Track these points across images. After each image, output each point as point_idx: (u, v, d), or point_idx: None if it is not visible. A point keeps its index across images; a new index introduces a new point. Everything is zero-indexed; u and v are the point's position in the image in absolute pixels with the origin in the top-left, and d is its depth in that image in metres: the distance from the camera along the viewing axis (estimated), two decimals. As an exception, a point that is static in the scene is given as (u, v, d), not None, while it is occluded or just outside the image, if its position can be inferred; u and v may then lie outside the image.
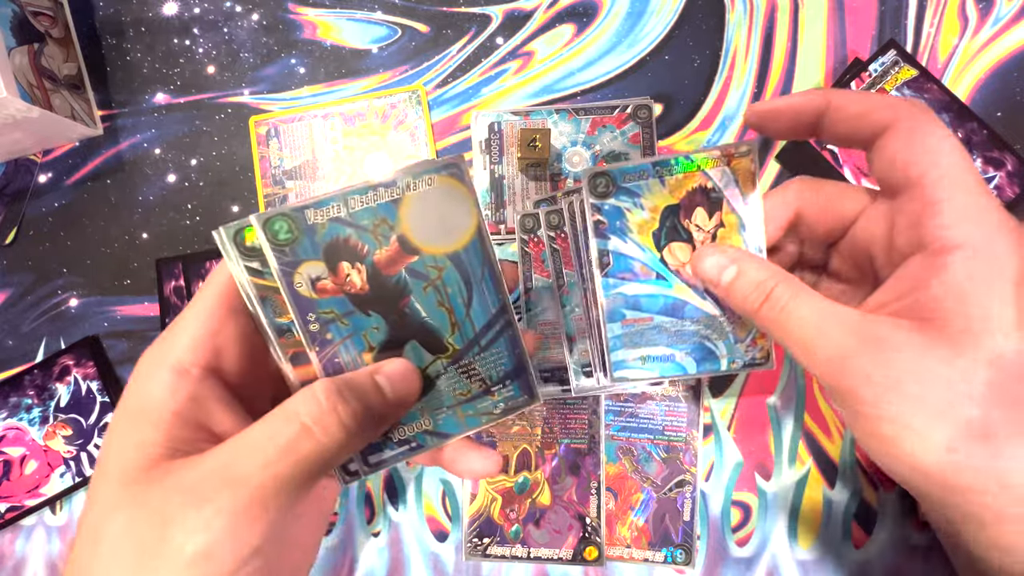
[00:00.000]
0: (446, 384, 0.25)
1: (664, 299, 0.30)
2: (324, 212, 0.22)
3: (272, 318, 0.23)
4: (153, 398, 0.21)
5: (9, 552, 0.41)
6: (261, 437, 0.20)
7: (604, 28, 0.42)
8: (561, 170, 0.40)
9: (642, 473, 0.38)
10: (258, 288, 0.22)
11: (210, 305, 0.23)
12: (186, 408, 0.22)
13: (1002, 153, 0.38)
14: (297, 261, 0.22)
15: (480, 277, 0.25)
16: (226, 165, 0.42)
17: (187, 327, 0.23)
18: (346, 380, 0.22)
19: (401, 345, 0.24)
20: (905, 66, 0.39)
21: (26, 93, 0.37)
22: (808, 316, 0.23)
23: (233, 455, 0.20)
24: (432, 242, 0.24)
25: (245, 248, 0.22)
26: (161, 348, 0.23)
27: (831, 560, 0.37)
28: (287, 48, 0.43)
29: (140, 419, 0.21)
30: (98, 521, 0.20)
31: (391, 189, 0.23)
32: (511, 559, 0.38)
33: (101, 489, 0.21)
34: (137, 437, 0.21)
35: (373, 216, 0.23)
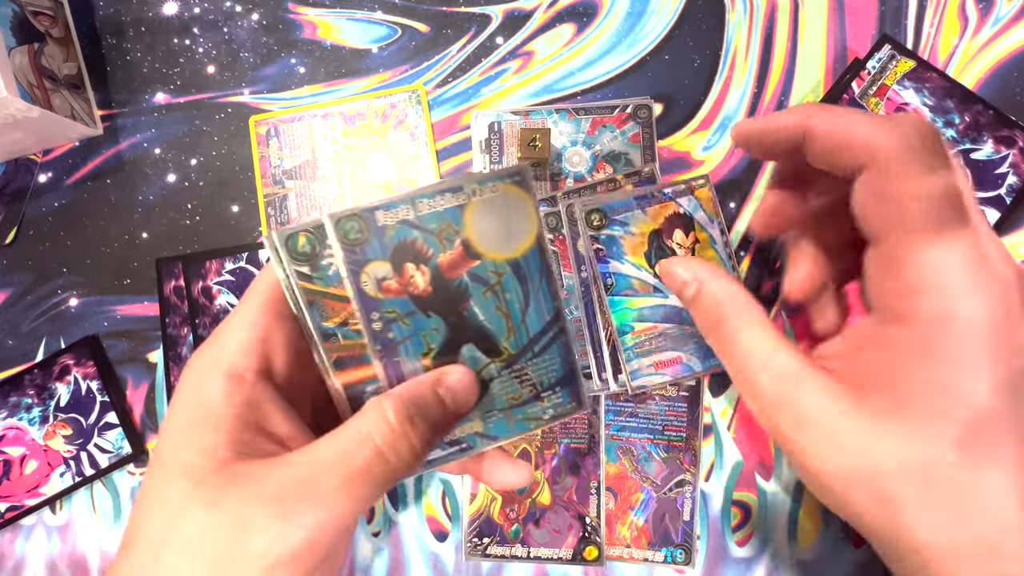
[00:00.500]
0: (498, 388, 0.25)
1: (664, 308, 0.35)
2: (393, 214, 0.23)
3: (319, 322, 0.23)
4: (211, 403, 0.22)
5: (9, 552, 0.41)
6: (336, 455, 0.21)
7: (604, 28, 0.42)
8: (561, 170, 0.40)
9: (642, 473, 0.38)
10: (307, 292, 0.23)
11: (258, 310, 0.23)
12: (245, 412, 0.22)
13: (1012, 131, 0.37)
14: (365, 260, 0.23)
15: (537, 284, 0.25)
16: (226, 165, 0.42)
17: (237, 332, 0.23)
18: (413, 399, 0.22)
19: (458, 347, 0.24)
20: (902, 59, 0.39)
21: (26, 93, 0.37)
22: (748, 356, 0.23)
23: (311, 470, 0.21)
24: (494, 248, 0.24)
25: (296, 252, 0.22)
26: (212, 353, 0.23)
27: (831, 560, 0.37)
28: (287, 48, 0.43)
29: (201, 424, 0.21)
30: (168, 520, 0.20)
31: (458, 194, 0.23)
32: (511, 559, 0.38)
33: (167, 489, 0.21)
34: (202, 441, 0.21)
35: (440, 220, 0.23)
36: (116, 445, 0.40)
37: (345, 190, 0.42)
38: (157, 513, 0.21)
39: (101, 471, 0.40)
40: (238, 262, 0.41)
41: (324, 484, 0.20)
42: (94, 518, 0.41)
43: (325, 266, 0.23)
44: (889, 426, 0.20)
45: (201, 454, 0.21)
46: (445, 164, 0.42)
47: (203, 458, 0.21)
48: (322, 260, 0.22)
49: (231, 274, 0.41)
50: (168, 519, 0.20)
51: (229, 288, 0.41)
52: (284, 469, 0.21)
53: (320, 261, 0.22)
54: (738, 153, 0.40)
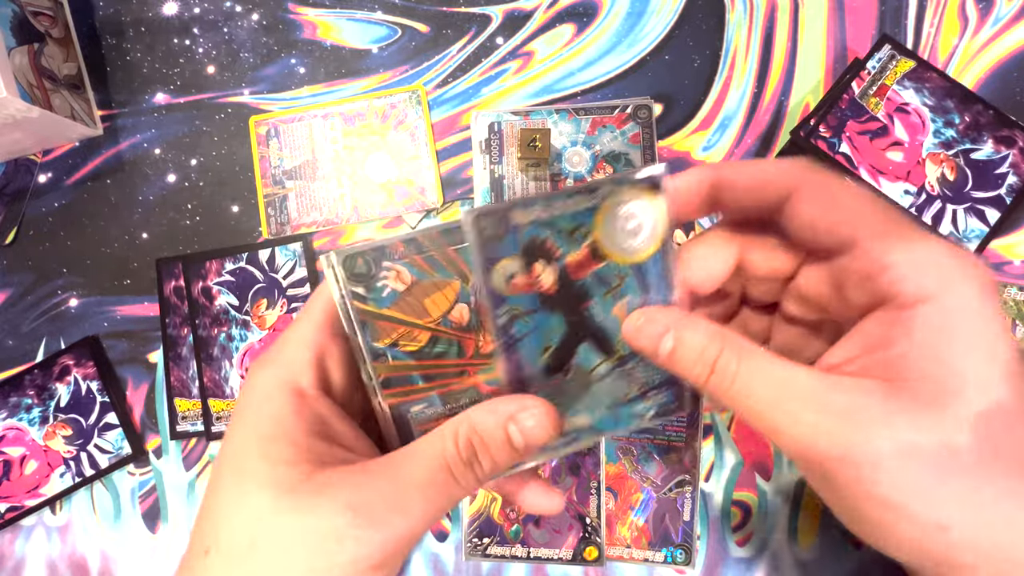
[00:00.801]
0: (608, 385, 0.26)
1: None
2: (528, 213, 0.23)
3: (370, 343, 0.24)
4: (283, 418, 0.22)
5: (9, 552, 0.41)
6: (423, 476, 0.22)
7: (604, 28, 0.42)
8: (561, 170, 0.40)
9: (642, 473, 0.38)
10: (360, 313, 0.23)
11: (316, 328, 0.24)
12: (314, 425, 0.23)
13: (1012, 131, 0.37)
14: (498, 257, 0.23)
15: (656, 287, 0.25)
16: (226, 165, 0.42)
17: (298, 350, 0.24)
18: (481, 434, 0.22)
19: (575, 346, 0.25)
20: (902, 59, 0.39)
21: (26, 93, 0.37)
22: (764, 391, 0.20)
23: (396, 484, 0.22)
24: (620, 251, 0.24)
25: (353, 273, 0.23)
26: (275, 370, 0.23)
27: (831, 560, 0.37)
28: (287, 48, 0.43)
29: (276, 438, 0.22)
30: (253, 526, 0.21)
31: (592, 196, 0.23)
32: (511, 559, 0.38)
33: (251, 498, 0.21)
34: (281, 453, 0.22)
35: (571, 222, 0.23)
36: (116, 445, 0.40)
37: (345, 190, 0.42)
38: (240, 519, 0.21)
39: (101, 471, 0.40)
40: (238, 262, 0.41)
41: (408, 498, 0.22)
42: (94, 519, 0.41)
43: (379, 288, 0.23)
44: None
45: (284, 464, 0.21)
46: (445, 164, 0.42)
47: (286, 468, 0.21)
48: (377, 282, 0.23)
49: (231, 274, 0.41)
50: (254, 526, 0.21)
51: (229, 288, 0.41)
52: (368, 480, 0.22)
53: (375, 283, 0.23)
54: (738, 154, 0.40)
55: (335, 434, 0.23)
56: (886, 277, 0.20)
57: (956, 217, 0.38)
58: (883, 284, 0.20)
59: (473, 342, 0.24)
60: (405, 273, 0.23)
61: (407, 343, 0.24)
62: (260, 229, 0.42)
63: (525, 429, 0.23)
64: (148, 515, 0.41)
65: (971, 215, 0.38)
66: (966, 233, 0.38)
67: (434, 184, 0.41)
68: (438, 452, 0.22)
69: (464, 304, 0.24)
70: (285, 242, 0.41)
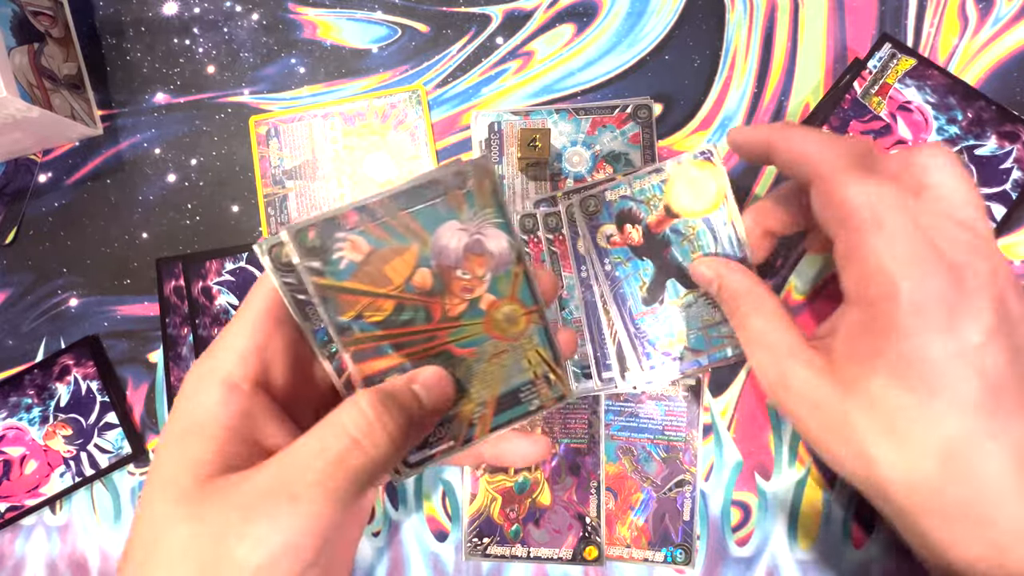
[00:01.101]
0: (695, 311, 0.34)
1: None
2: (616, 192, 0.33)
3: (334, 316, 0.23)
4: (205, 413, 0.22)
5: (9, 552, 0.41)
6: (311, 452, 0.21)
7: (604, 28, 0.42)
8: (561, 170, 0.40)
9: (642, 473, 0.38)
10: (319, 288, 0.22)
11: (256, 318, 0.23)
12: (239, 423, 0.22)
13: (1015, 126, 0.37)
14: (599, 224, 0.33)
15: (724, 235, 0.32)
16: (226, 165, 0.42)
17: (235, 341, 0.23)
18: (387, 391, 0.22)
19: (664, 281, 0.34)
20: (903, 57, 0.39)
21: (26, 93, 0.37)
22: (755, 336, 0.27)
23: (285, 470, 0.20)
24: (688, 209, 0.33)
25: (307, 247, 0.22)
26: (209, 362, 0.23)
27: (831, 560, 0.37)
28: (287, 48, 0.43)
29: (193, 435, 0.21)
30: (154, 536, 0.20)
31: (661, 172, 0.32)
32: (511, 559, 0.38)
33: (155, 505, 0.21)
34: (190, 454, 0.21)
35: (648, 193, 0.33)
36: (116, 445, 0.40)
37: (345, 190, 0.42)
38: (144, 529, 0.21)
39: (101, 471, 0.40)
40: (238, 262, 0.41)
41: (299, 483, 0.20)
42: (94, 518, 0.41)
43: (336, 260, 0.22)
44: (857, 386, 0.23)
45: (187, 468, 0.21)
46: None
47: (187, 473, 0.21)
48: (332, 255, 0.22)
49: (231, 274, 0.41)
50: (153, 535, 0.20)
51: (229, 288, 0.41)
52: (261, 474, 0.21)
53: (331, 256, 0.22)
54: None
55: (261, 433, 0.22)
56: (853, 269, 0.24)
57: (958, 216, 0.38)
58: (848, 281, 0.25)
59: (440, 306, 0.24)
60: (361, 242, 0.23)
61: (372, 313, 0.23)
62: (260, 229, 0.42)
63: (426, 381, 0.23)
64: (148, 515, 0.41)
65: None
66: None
67: (434, 184, 0.41)
68: (335, 425, 0.21)
69: (426, 268, 0.23)
70: (285, 242, 0.41)
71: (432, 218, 0.23)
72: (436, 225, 0.23)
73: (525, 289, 0.25)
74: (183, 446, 0.21)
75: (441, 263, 0.24)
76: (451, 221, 0.23)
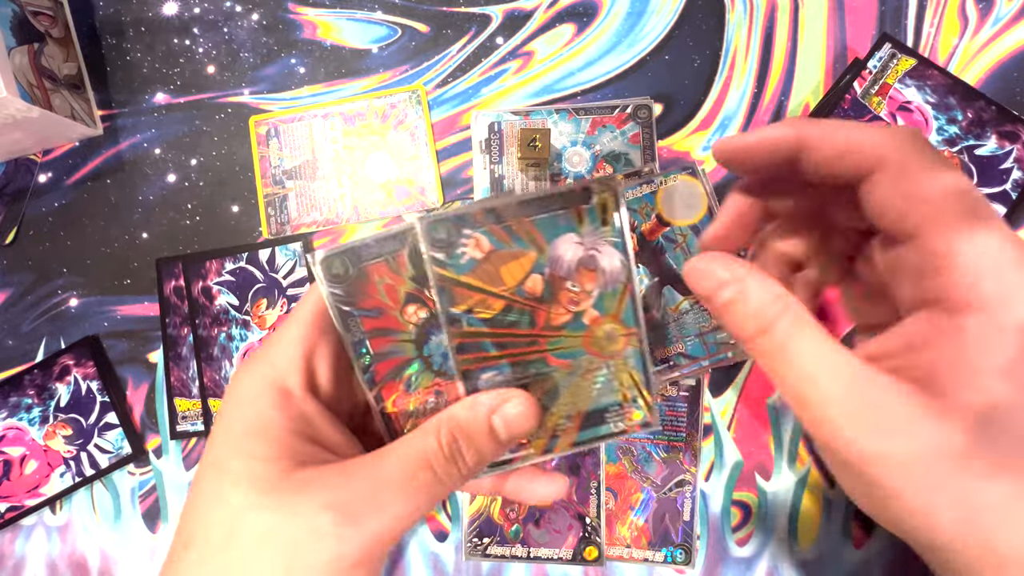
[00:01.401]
0: (692, 318, 0.35)
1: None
2: None
3: (447, 307, 0.24)
4: (265, 416, 0.23)
5: (9, 552, 0.41)
6: (401, 474, 0.22)
7: (604, 28, 0.42)
8: (561, 170, 0.40)
9: (642, 473, 0.38)
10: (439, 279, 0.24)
11: (305, 327, 0.24)
12: (298, 426, 0.23)
13: (1015, 126, 0.37)
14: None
15: None
16: (226, 165, 0.42)
17: (286, 348, 0.24)
18: (467, 431, 0.23)
19: (661, 288, 0.35)
20: (903, 57, 0.39)
21: (26, 93, 0.37)
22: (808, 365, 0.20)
23: (376, 482, 0.22)
24: (678, 218, 0.36)
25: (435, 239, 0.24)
26: (262, 368, 0.24)
27: (831, 560, 0.37)
28: (287, 48, 0.43)
29: (257, 435, 0.22)
30: (231, 521, 0.21)
31: (652, 184, 0.35)
32: (511, 559, 0.38)
33: (230, 494, 0.21)
34: (261, 451, 0.22)
35: (640, 202, 0.35)
36: (116, 445, 0.40)
37: (345, 190, 0.42)
38: (219, 515, 0.21)
39: (101, 471, 0.40)
40: (238, 262, 0.41)
41: (388, 496, 0.22)
42: (94, 518, 0.41)
43: (459, 255, 0.23)
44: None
45: (263, 462, 0.22)
46: (445, 164, 0.42)
47: (265, 466, 0.22)
48: (457, 249, 0.23)
49: (231, 274, 0.41)
50: (232, 520, 0.21)
51: (229, 288, 0.41)
52: (348, 479, 0.22)
53: (455, 250, 0.23)
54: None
55: (318, 435, 0.24)
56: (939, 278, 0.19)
57: (959, 216, 0.38)
58: (935, 285, 0.19)
59: (545, 313, 0.25)
60: (484, 241, 0.23)
61: (481, 310, 0.24)
62: (260, 229, 0.42)
63: (508, 418, 0.23)
64: (148, 515, 0.41)
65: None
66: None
67: (434, 184, 0.41)
68: (419, 449, 0.23)
69: (539, 275, 0.24)
70: (285, 242, 0.41)
71: (553, 228, 0.24)
72: (555, 235, 0.24)
73: (629, 310, 0.25)
74: (251, 444, 0.22)
75: (554, 272, 0.24)
76: (570, 234, 0.24)
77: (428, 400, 0.25)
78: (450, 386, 0.25)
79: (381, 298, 0.24)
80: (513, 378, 0.25)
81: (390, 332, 0.25)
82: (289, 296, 0.41)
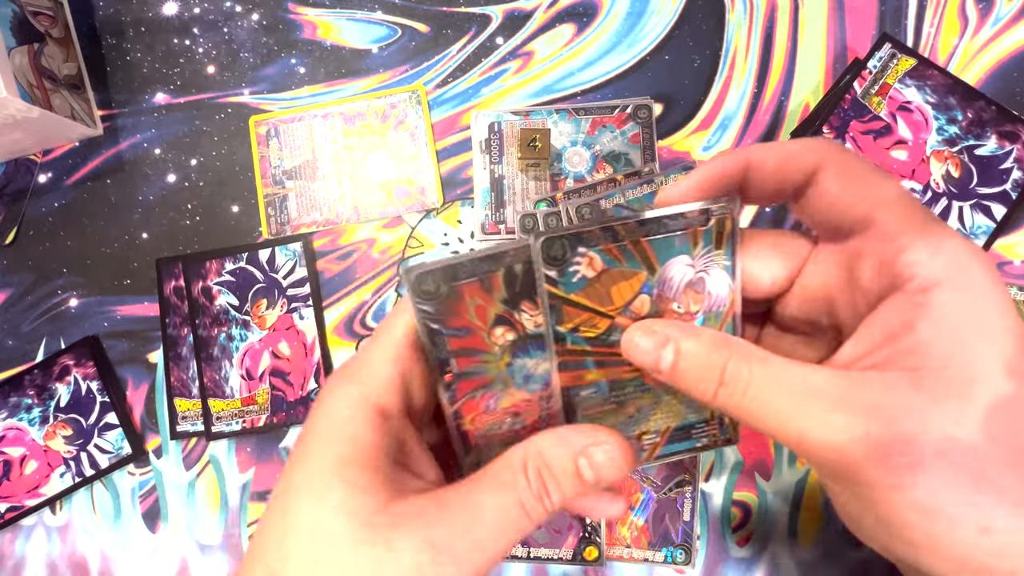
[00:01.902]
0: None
1: None
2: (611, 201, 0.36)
3: (554, 325, 0.24)
4: (365, 442, 0.22)
5: (9, 552, 0.41)
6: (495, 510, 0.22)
7: (604, 28, 0.42)
8: (561, 170, 0.40)
9: (642, 473, 0.38)
10: (551, 296, 0.23)
11: (401, 344, 0.23)
12: (396, 452, 0.22)
13: (1015, 126, 0.37)
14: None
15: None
16: (226, 165, 0.42)
17: (381, 367, 0.23)
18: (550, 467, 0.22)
19: None
20: (903, 57, 0.39)
21: (26, 93, 0.37)
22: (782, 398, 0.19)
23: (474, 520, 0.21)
24: None
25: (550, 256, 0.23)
26: (359, 388, 0.22)
27: (831, 560, 0.37)
28: (287, 48, 0.43)
29: (355, 462, 0.21)
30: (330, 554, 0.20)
31: (652, 184, 0.34)
32: (511, 559, 0.38)
33: (328, 524, 0.21)
34: (360, 479, 0.21)
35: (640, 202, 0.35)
36: (116, 445, 0.40)
37: (345, 190, 0.42)
38: (315, 544, 0.21)
39: (101, 471, 0.40)
40: (238, 262, 0.41)
41: (485, 533, 0.21)
42: (94, 518, 0.41)
43: (571, 273, 0.23)
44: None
45: (362, 491, 0.21)
46: (445, 164, 0.42)
47: (364, 496, 0.21)
48: (569, 267, 0.23)
49: (231, 274, 0.41)
50: (330, 552, 0.20)
51: (229, 288, 0.41)
52: (445, 514, 0.21)
53: (568, 268, 0.23)
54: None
55: (412, 459, 0.23)
56: (903, 258, 0.19)
57: (963, 214, 0.38)
58: (899, 266, 0.19)
59: None
60: (597, 260, 0.23)
61: (587, 329, 0.24)
62: (260, 229, 0.42)
63: (596, 463, 0.22)
64: (148, 515, 0.41)
65: (977, 211, 0.38)
66: (973, 230, 0.38)
67: (434, 184, 0.41)
68: (510, 484, 0.22)
69: (646, 295, 0.24)
70: (285, 242, 0.41)
71: (667, 249, 0.23)
72: (668, 256, 0.23)
73: (729, 331, 0.24)
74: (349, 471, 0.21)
75: (662, 293, 0.24)
76: (682, 255, 0.24)
77: (505, 420, 0.25)
78: (530, 408, 0.25)
79: (471, 318, 0.24)
80: (611, 396, 0.25)
81: (476, 352, 0.24)
82: (289, 296, 0.41)
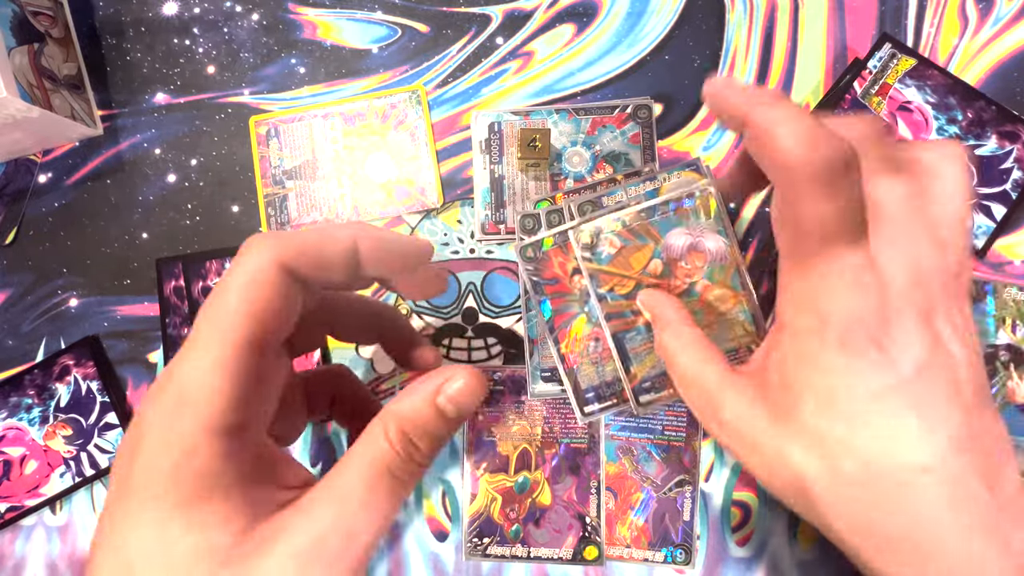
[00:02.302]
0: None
1: None
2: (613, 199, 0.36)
3: (596, 288, 0.33)
4: (210, 471, 0.20)
5: (9, 552, 0.41)
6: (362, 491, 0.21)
7: (604, 28, 0.42)
8: (561, 170, 0.40)
9: (642, 473, 0.38)
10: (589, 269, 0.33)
11: (227, 343, 0.21)
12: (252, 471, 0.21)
13: (1015, 125, 0.37)
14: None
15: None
16: (226, 165, 0.42)
17: (206, 381, 0.21)
18: (414, 422, 0.23)
19: None
20: (903, 57, 0.39)
21: (26, 93, 0.37)
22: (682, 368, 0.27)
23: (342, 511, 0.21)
24: None
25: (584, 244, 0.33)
26: (191, 411, 0.20)
27: (831, 560, 0.37)
28: (287, 48, 0.43)
29: (202, 498, 0.19)
30: None
31: (654, 182, 0.36)
32: (511, 559, 0.38)
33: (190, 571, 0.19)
34: (210, 517, 0.19)
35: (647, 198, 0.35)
36: (116, 445, 0.40)
37: (345, 190, 0.42)
38: None
39: (101, 471, 0.40)
40: (238, 262, 0.41)
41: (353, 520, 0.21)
42: (94, 519, 0.41)
43: (600, 252, 0.33)
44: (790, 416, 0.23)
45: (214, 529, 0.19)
46: (445, 164, 0.42)
47: (215, 533, 0.19)
48: (597, 248, 0.33)
49: (231, 274, 0.41)
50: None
51: (229, 288, 0.41)
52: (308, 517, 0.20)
53: (596, 249, 0.33)
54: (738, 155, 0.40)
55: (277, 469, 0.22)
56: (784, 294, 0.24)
57: (961, 215, 0.38)
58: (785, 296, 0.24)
59: (667, 285, 0.33)
60: (616, 240, 0.33)
61: (619, 288, 0.33)
62: (260, 229, 0.42)
63: (452, 396, 0.23)
64: (148, 515, 0.41)
65: (977, 211, 0.38)
66: (974, 230, 0.38)
67: (434, 184, 0.41)
68: (374, 458, 0.22)
69: (658, 259, 0.33)
70: (285, 242, 0.41)
71: (665, 225, 0.33)
72: (667, 230, 0.33)
73: (735, 278, 0.33)
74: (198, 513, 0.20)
75: (669, 256, 0.33)
76: (679, 228, 0.33)
77: (589, 344, 0.34)
78: (602, 338, 0.34)
79: (556, 271, 0.34)
80: (648, 335, 0.33)
81: (563, 295, 0.34)
82: (289, 296, 0.41)
